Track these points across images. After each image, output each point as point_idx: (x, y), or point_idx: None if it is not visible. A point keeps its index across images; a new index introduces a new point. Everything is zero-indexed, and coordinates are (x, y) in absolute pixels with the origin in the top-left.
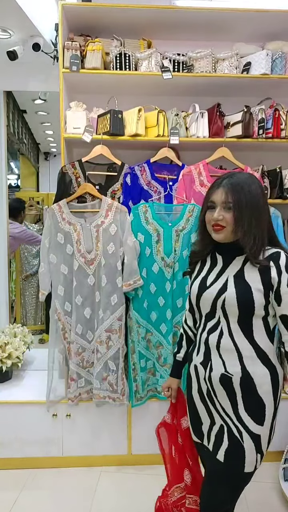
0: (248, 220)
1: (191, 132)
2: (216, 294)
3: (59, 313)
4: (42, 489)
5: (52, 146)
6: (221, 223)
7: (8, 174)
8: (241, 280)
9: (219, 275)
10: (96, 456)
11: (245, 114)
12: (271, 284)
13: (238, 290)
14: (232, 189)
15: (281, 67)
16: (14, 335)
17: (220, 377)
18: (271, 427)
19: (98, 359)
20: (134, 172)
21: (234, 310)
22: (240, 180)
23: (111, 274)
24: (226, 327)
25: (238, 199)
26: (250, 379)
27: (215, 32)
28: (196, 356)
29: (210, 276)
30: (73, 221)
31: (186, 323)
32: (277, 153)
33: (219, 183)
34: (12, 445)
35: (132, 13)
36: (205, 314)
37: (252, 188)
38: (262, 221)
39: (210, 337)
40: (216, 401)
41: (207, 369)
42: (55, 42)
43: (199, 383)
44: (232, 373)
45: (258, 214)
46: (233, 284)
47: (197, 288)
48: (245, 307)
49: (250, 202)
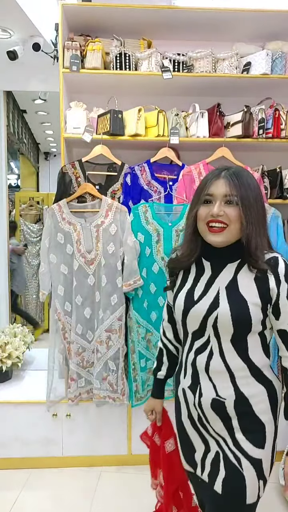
0: (257, 218)
1: (191, 132)
2: (206, 310)
3: (59, 313)
4: (42, 489)
5: (52, 146)
6: (222, 219)
7: (8, 174)
8: (235, 292)
9: (208, 286)
10: (96, 456)
11: (245, 114)
12: (269, 296)
13: (233, 305)
14: (236, 181)
15: (281, 67)
16: (14, 335)
17: (212, 403)
18: (273, 448)
19: (98, 359)
20: (134, 172)
21: (228, 329)
22: (242, 172)
23: (111, 274)
24: (217, 347)
25: (245, 191)
26: (245, 400)
27: (215, 32)
28: (183, 379)
29: (197, 288)
30: (73, 221)
31: (166, 335)
32: (277, 153)
33: (217, 174)
34: (12, 445)
35: (132, 13)
36: (192, 332)
37: (254, 182)
38: (264, 220)
39: (198, 358)
40: (209, 427)
41: (196, 394)
42: (55, 42)
43: (188, 408)
44: (224, 397)
45: (262, 212)
46: (226, 298)
47: (182, 303)
48: (241, 325)
49: (256, 196)
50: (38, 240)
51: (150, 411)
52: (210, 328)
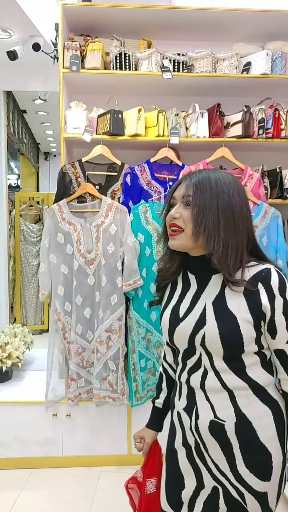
0: (214, 220)
1: (191, 132)
2: (192, 328)
3: (59, 313)
4: (42, 489)
5: (52, 146)
6: (177, 222)
7: (8, 174)
8: (222, 308)
9: (194, 301)
10: (96, 456)
11: (245, 114)
12: (262, 313)
13: (221, 322)
14: (196, 182)
15: (281, 67)
16: (14, 335)
17: (210, 425)
18: (281, 478)
19: (98, 359)
20: (134, 172)
21: (217, 348)
22: (213, 175)
23: (111, 274)
24: (210, 365)
25: (201, 192)
26: (247, 423)
27: (215, 32)
28: (178, 401)
29: (183, 304)
30: (73, 221)
31: (166, 359)
32: (277, 153)
33: (185, 177)
34: (12, 445)
35: (132, 13)
36: (183, 350)
37: (227, 187)
38: (236, 228)
39: (192, 377)
40: (207, 457)
41: (192, 416)
42: (55, 42)
43: (184, 434)
44: (224, 418)
45: (230, 217)
46: (213, 315)
47: (168, 320)
48: (232, 345)
49: (218, 198)
50: (38, 240)
51: (139, 438)
52: (199, 346)
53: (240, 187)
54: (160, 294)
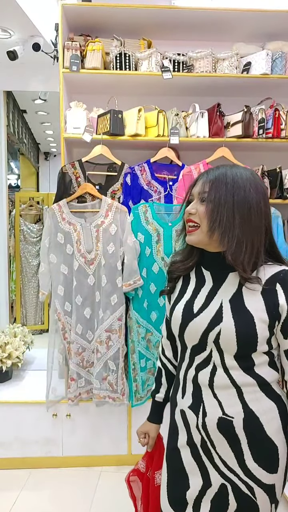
0: (228, 216)
1: (191, 132)
2: (207, 324)
3: (59, 313)
4: (42, 489)
5: (52, 146)
6: (193, 218)
7: (8, 174)
8: (240, 306)
9: (209, 298)
10: (96, 456)
11: (245, 114)
12: (278, 313)
13: (238, 320)
14: (212, 179)
15: (281, 67)
16: (14, 335)
17: (218, 422)
18: (286, 470)
19: (98, 359)
20: (134, 172)
21: (231, 346)
22: (230, 171)
23: (111, 274)
24: (220, 362)
25: (216, 188)
26: (255, 418)
27: (215, 32)
28: (181, 399)
29: (197, 300)
30: (73, 221)
31: (165, 354)
32: (277, 153)
33: (203, 173)
34: (12, 445)
35: (132, 13)
36: (192, 346)
37: (243, 183)
38: (253, 225)
39: (200, 374)
40: (214, 454)
41: (199, 414)
42: (55, 42)
43: (189, 433)
44: (232, 415)
45: (246, 213)
46: (230, 312)
47: (180, 315)
48: (246, 343)
49: (234, 194)
50: (38, 240)
51: (143, 434)
52: (211, 343)
53: (258, 183)
54: (172, 285)
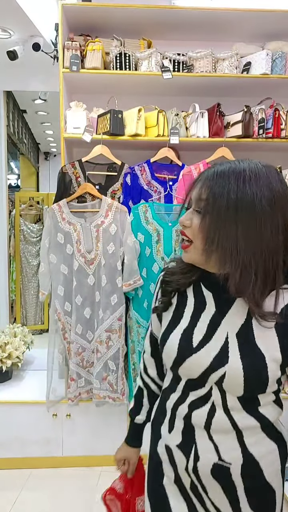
0: (230, 235)
1: (191, 132)
2: (210, 364)
3: (59, 313)
4: (42, 489)
5: (52, 146)
6: (187, 232)
7: (8, 174)
8: (249, 343)
9: (212, 328)
10: (96, 456)
11: (245, 114)
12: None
13: (247, 362)
14: (211, 183)
15: (281, 67)
16: (14, 335)
17: (213, 468)
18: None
19: (98, 359)
20: (134, 172)
21: (237, 389)
22: (237, 171)
23: (111, 274)
24: (221, 403)
25: (216, 196)
26: (255, 463)
27: (215, 32)
28: (168, 434)
29: (197, 329)
30: (73, 221)
31: (147, 372)
32: (277, 153)
33: (203, 172)
34: (12, 445)
35: (132, 13)
36: (187, 380)
37: (255, 187)
38: (265, 243)
39: (194, 414)
40: (206, 499)
41: (190, 457)
42: (55, 42)
43: (177, 473)
44: (229, 460)
45: (256, 230)
46: (238, 351)
47: (176, 348)
48: (255, 387)
49: (238, 204)
50: (38, 240)
51: (122, 460)
52: (212, 382)
53: (275, 185)
54: (166, 301)
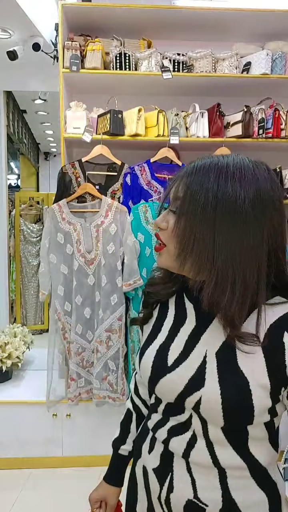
0: (207, 240)
1: (191, 132)
2: (184, 387)
3: (59, 313)
4: (42, 489)
5: (52, 146)
6: (160, 234)
7: (8, 174)
8: (230, 366)
9: (190, 345)
10: (96, 456)
11: (245, 114)
12: (285, 376)
13: (226, 387)
14: (189, 180)
15: (281, 67)
16: (14, 335)
17: (186, 505)
18: None
19: (98, 359)
20: (134, 172)
21: (215, 418)
22: (215, 163)
23: (111, 274)
24: (202, 434)
25: (192, 194)
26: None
27: (215, 32)
28: (147, 454)
29: (174, 345)
30: (73, 221)
31: (138, 393)
32: (277, 153)
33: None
34: (12, 445)
35: (132, 13)
36: (166, 403)
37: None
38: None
39: (173, 441)
40: None
41: (164, 486)
42: (55, 42)
43: (150, 500)
44: (206, 501)
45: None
46: (216, 373)
47: (150, 366)
48: (237, 417)
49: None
50: (38, 240)
51: (98, 502)
52: (190, 409)
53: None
54: (147, 312)
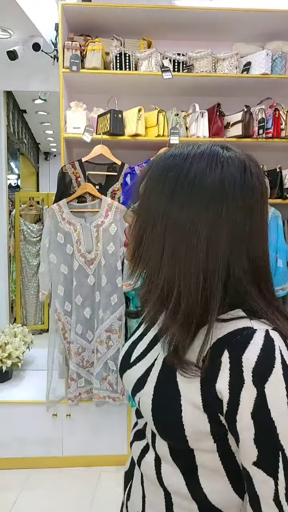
0: (156, 243)
1: (191, 132)
2: (133, 386)
3: (59, 313)
4: (42, 489)
5: (52, 146)
6: (127, 231)
7: (8, 174)
8: (169, 374)
9: (150, 345)
10: (96, 456)
11: (245, 114)
12: (218, 402)
13: (159, 395)
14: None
15: (281, 67)
16: (14, 335)
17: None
18: None
19: (98, 359)
20: (134, 172)
21: (152, 426)
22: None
23: (111, 274)
24: (151, 442)
25: (152, 188)
26: None
27: (215, 32)
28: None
29: (141, 344)
30: (73, 221)
31: None
32: (277, 153)
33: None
34: (12, 445)
35: (132, 13)
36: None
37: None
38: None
39: (134, 444)
40: None
41: (125, 491)
42: (55, 42)
43: (122, 504)
44: None
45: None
46: (156, 377)
47: (120, 359)
48: (166, 429)
49: (173, 202)
50: (38, 240)
51: None
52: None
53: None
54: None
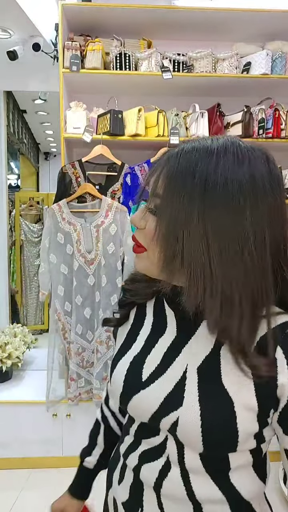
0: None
1: (191, 132)
2: (159, 406)
3: (59, 313)
4: (42, 489)
5: (52, 146)
6: (138, 236)
7: (8, 174)
8: (213, 383)
9: (168, 358)
10: None
11: (245, 114)
12: (276, 397)
13: (207, 409)
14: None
15: (281, 67)
16: (14, 335)
17: None
18: None
19: (98, 359)
20: (134, 172)
21: (194, 443)
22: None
23: (111, 274)
24: (177, 461)
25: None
26: None
27: (215, 32)
28: (117, 484)
29: (150, 357)
30: (73, 221)
31: (108, 404)
32: (277, 153)
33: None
34: (12, 445)
35: (132, 13)
36: (140, 423)
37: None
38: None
39: (144, 468)
40: None
41: None
42: (55, 42)
43: None
44: None
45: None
46: (197, 391)
47: (122, 380)
48: (219, 443)
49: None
50: (38, 240)
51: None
52: (166, 431)
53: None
54: (123, 314)
